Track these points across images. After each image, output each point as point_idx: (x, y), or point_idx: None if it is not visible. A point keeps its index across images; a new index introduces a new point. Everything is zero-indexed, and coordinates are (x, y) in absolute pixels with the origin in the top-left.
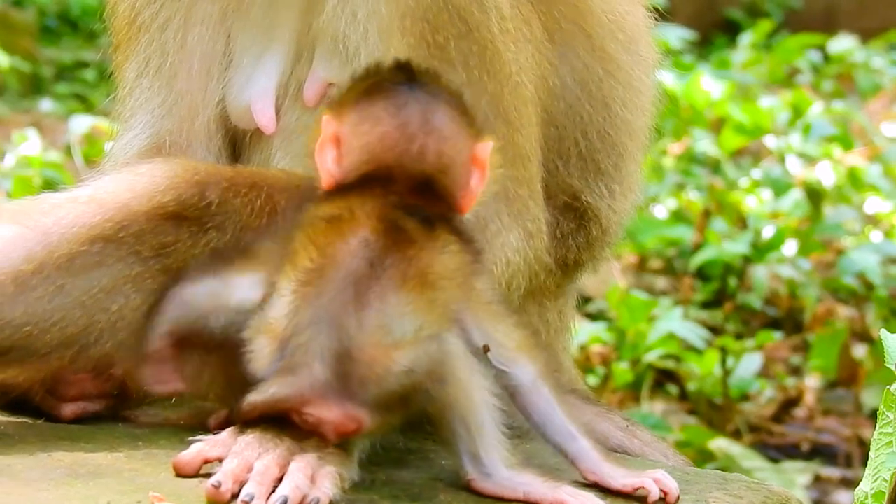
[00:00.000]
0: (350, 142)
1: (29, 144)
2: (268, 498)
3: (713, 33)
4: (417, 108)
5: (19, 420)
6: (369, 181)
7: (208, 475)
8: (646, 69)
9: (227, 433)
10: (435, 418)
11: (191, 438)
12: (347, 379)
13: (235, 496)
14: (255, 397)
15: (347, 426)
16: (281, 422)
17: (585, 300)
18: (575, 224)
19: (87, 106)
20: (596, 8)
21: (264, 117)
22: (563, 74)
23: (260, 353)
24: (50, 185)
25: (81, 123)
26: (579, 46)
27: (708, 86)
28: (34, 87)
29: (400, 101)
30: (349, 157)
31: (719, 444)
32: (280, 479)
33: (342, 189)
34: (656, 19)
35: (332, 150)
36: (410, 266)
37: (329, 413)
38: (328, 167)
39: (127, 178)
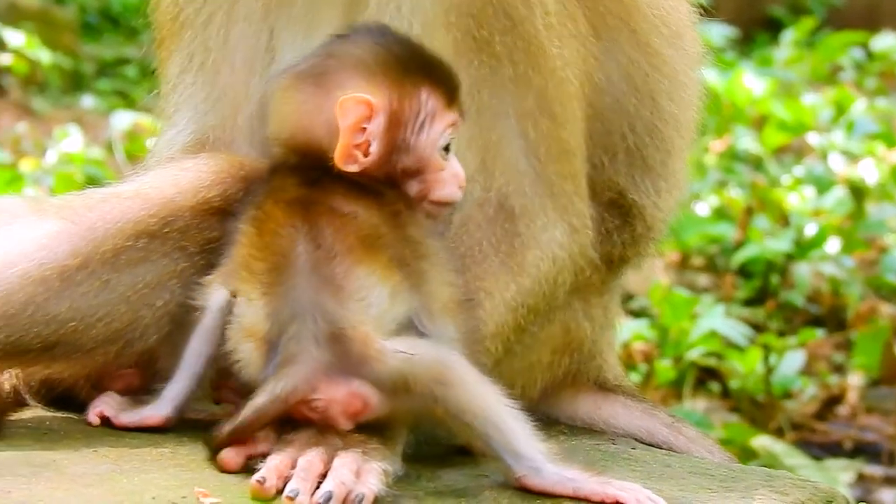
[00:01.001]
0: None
1: (70, 141)
2: (312, 494)
3: (755, 31)
4: (281, 86)
5: (64, 415)
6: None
7: (253, 471)
8: (691, 64)
9: (270, 429)
10: (459, 430)
11: None
12: (346, 357)
13: (280, 492)
14: (261, 400)
15: (354, 404)
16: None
17: (628, 297)
18: (620, 220)
19: (128, 102)
20: (641, 3)
21: None
22: (609, 70)
23: (249, 358)
24: (92, 182)
25: (123, 120)
26: (624, 42)
27: (750, 83)
28: (75, 83)
29: (278, 81)
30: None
31: (762, 441)
32: (324, 475)
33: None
34: (700, 16)
35: None
36: (348, 235)
37: (336, 392)
38: None
39: (172, 174)
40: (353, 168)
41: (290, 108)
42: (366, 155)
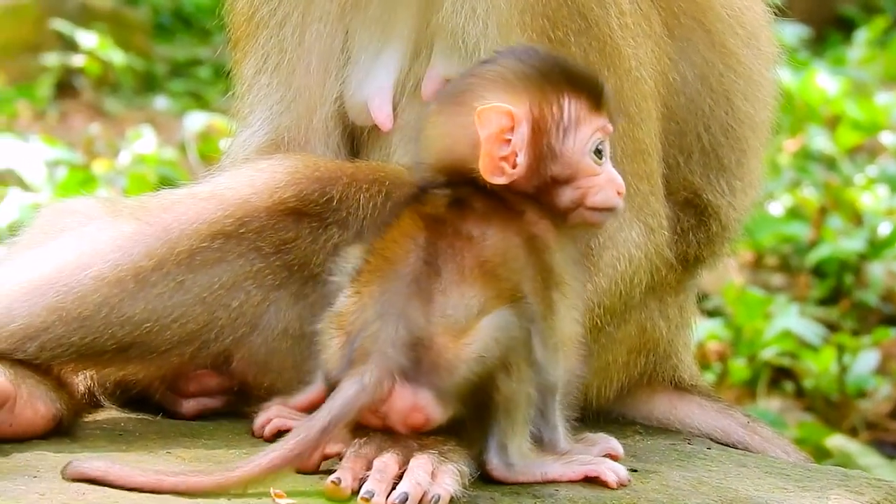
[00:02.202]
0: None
1: (144, 142)
2: (388, 495)
3: (828, 30)
4: (429, 109)
5: (139, 417)
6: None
7: (329, 472)
8: (766, 64)
9: (346, 429)
10: (480, 407)
11: None
12: (419, 365)
13: (355, 493)
14: (336, 404)
15: (415, 418)
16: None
17: (702, 297)
18: (695, 220)
19: (201, 103)
20: (715, 3)
21: (382, 114)
22: (683, 69)
23: (328, 343)
24: (165, 183)
25: (196, 121)
26: (699, 41)
27: (823, 83)
28: (148, 84)
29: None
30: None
31: (836, 441)
32: (400, 476)
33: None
34: (773, 16)
35: None
36: (465, 258)
37: (401, 401)
38: None
39: (247, 174)
40: (500, 180)
41: (434, 130)
42: (513, 167)
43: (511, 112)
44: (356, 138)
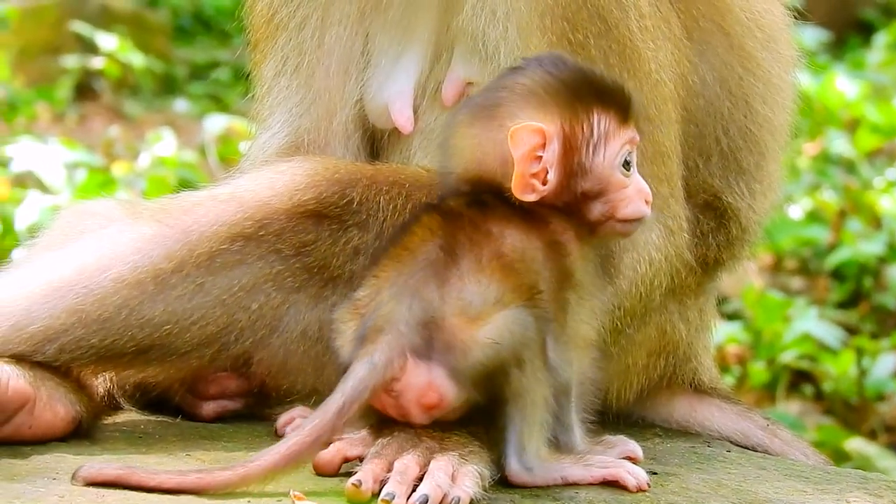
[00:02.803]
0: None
1: (163, 144)
2: (408, 497)
3: (847, 33)
4: (454, 120)
5: (159, 419)
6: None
7: (348, 474)
8: (785, 67)
9: (367, 432)
10: (497, 407)
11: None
12: (431, 343)
13: (376, 495)
14: (347, 386)
15: (430, 396)
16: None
17: (721, 300)
18: (715, 223)
19: (221, 106)
20: (734, 6)
21: (402, 117)
22: (703, 72)
23: (344, 326)
24: (184, 185)
25: (216, 123)
26: (718, 44)
27: (842, 86)
28: (168, 87)
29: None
30: (438, 171)
31: (855, 444)
32: (420, 478)
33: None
34: (793, 19)
35: None
36: (483, 251)
37: (415, 378)
38: None
39: (267, 177)
40: (531, 197)
41: (464, 142)
42: (544, 183)
43: (543, 130)
44: (376, 141)
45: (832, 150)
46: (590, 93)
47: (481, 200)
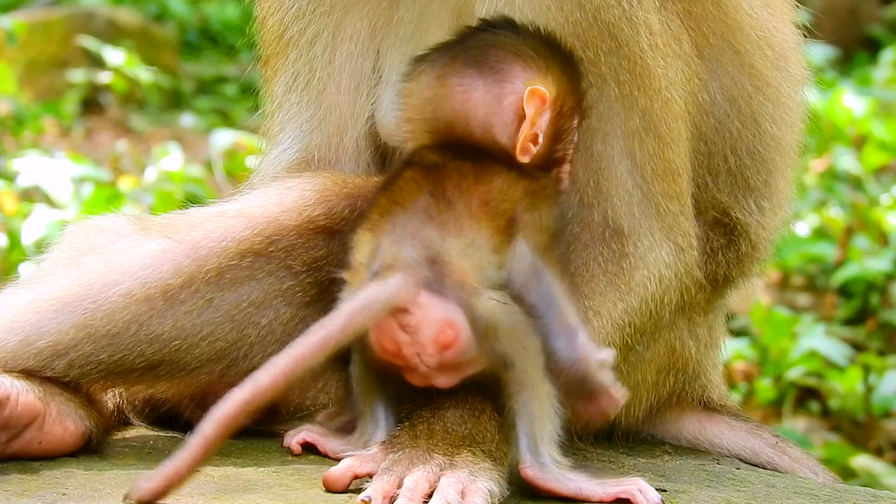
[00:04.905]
0: (406, 105)
1: (170, 159)
2: None
3: (854, 50)
4: (432, 73)
5: (169, 434)
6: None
7: (358, 490)
8: (794, 86)
9: (377, 448)
10: (504, 399)
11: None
12: (444, 279)
13: None
14: (360, 300)
15: (446, 333)
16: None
17: (728, 316)
18: (725, 240)
19: (227, 121)
20: (745, 24)
21: None
22: (713, 90)
23: (350, 282)
24: (191, 200)
25: (223, 138)
26: (728, 62)
27: (850, 103)
28: (175, 101)
29: (420, 68)
30: (407, 123)
31: (861, 461)
32: (430, 495)
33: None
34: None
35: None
36: (473, 195)
37: (432, 311)
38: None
39: (276, 193)
40: (526, 159)
41: (452, 96)
42: (536, 146)
43: (546, 95)
44: (387, 158)
45: (839, 166)
46: (576, 65)
47: (463, 154)
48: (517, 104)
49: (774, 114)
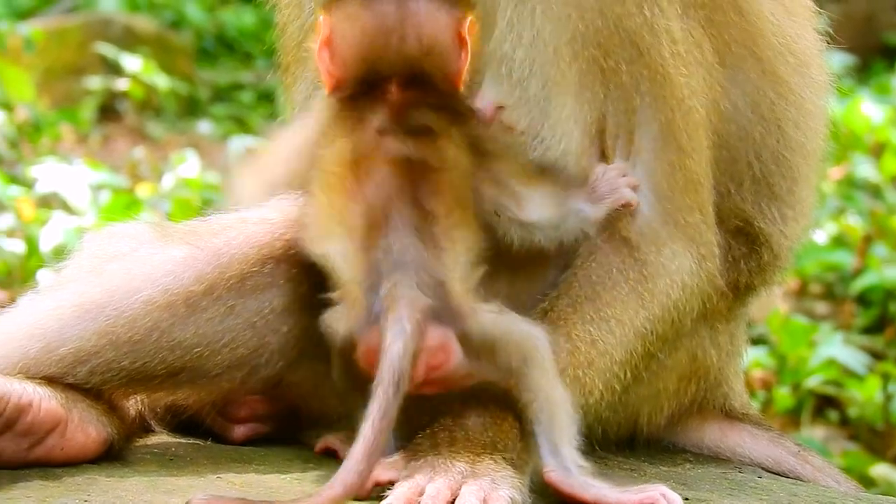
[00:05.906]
0: (338, 42)
1: (187, 166)
2: None
3: (872, 58)
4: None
5: (190, 442)
6: (365, 89)
7: (380, 498)
8: (817, 92)
9: (399, 456)
10: (520, 404)
11: None
12: (445, 306)
13: None
14: (395, 351)
15: (438, 356)
16: None
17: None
18: (747, 248)
19: (244, 127)
20: (766, 31)
21: None
22: (735, 98)
23: (344, 311)
24: (209, 207)
25: (239, 145)
26: (750, 69)
27: (868, 111)
28: (191, 108)
29: None
30: (340, 56)
31: (880, 470)
32: (452, 503)
33: (344, 107)
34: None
35: (325, 51)
36: (445, 194)
37: (431, 340)
38: (327, 68)
39: (296, 199)
40: (462, 89)
41: (419, 24)
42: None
43: (475, 24)
44: None
45: (857, 174)
46: None
47: (418, 127)
48: (461, 33)
49: (798, 119)
